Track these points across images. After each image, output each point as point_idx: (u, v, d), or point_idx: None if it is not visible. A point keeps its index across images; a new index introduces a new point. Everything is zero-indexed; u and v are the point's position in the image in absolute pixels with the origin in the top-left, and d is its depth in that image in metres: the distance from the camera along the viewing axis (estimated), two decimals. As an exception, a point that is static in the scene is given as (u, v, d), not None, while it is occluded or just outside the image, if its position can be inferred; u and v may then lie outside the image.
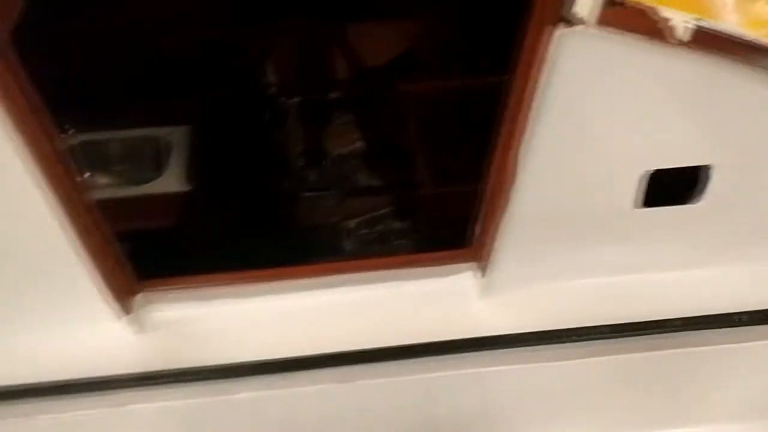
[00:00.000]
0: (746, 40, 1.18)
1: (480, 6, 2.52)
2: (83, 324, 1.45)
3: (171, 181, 2.46)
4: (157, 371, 1.43)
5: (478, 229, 1.46)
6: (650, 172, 1.34)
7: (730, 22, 1.30)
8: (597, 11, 1.13)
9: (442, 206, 2.41)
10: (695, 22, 1.15)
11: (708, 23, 1.16)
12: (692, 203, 1.39)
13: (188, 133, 2.63)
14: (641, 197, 1.37)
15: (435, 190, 2.50)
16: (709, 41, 1.16)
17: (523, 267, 1.44)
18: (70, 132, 2.52)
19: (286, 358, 1.41)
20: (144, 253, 1.82)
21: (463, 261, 1.49)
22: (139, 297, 1.50)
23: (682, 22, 1.15)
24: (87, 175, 2.58)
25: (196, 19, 2.72)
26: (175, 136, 2.62)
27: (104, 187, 2.54)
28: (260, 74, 3.16)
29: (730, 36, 1.17)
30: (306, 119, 3.15)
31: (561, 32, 1.15)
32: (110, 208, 2.29)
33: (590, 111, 1.26)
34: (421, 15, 2.85)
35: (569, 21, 1.14)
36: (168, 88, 2.63)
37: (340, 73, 3.17)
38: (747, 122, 1.29)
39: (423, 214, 2.61)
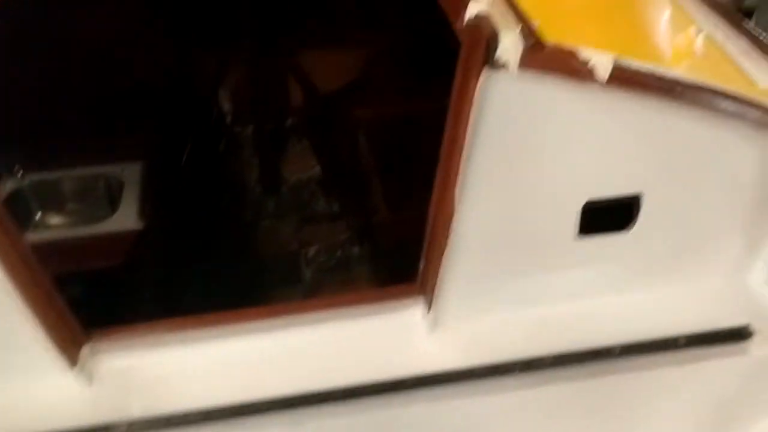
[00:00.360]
0: (662, 77, 1.22)
1: (425, 37, 2.56)
2: (31, 378, 1.44)
3: (124, 219, 2.44)
4: (107, 423, 1.43)
5: (422, 265, 1.48)
6: (585, 203, 1.37)
7: (654, 58, 1.36)
8: (519, 55, 1.17)
9: (399, 233, 2.43)
10: (614, 62, 1.19)
11: (626, 62, 1.20)
12: (627, 230, 1.43)
13: (141, 168, 2.62)
14: (578, 227, 1.41)
15: (391, 216, 2.52)
16: (628, 80, 1.20)
17: (468, 300, 1.47)
18: (19, 173, 2.52)
19: (238, 403, 1.41)
20: (93, 299, 1.81)
21: (411, 296, 1.51)
22: (87, 348, 1.49)
23: (601, 62, 1.18)
24: (38, 215, 2.60)
25: (144, 53, 2.72)
26: (128, 172, 2.61)
27: (56, 227, 2.53)
28: (213, 104, 3.17)
29: (647, 74, 1.21)
30: (262, 147, 3.17)
31: (486, 76, 1.18)
32: (61, 251, 2.29)
33: (522, 147, 1.29)
34: (372, 42, 2.88)
35: (494, 65, 1.17)
36: (119, 123, 2.63)
37: (294, 100, 3.20)
38: (671, 152, 1.33)
39: (381, 240, 2.63)
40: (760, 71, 1.84)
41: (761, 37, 2.07)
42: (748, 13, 4.05)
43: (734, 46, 1.95)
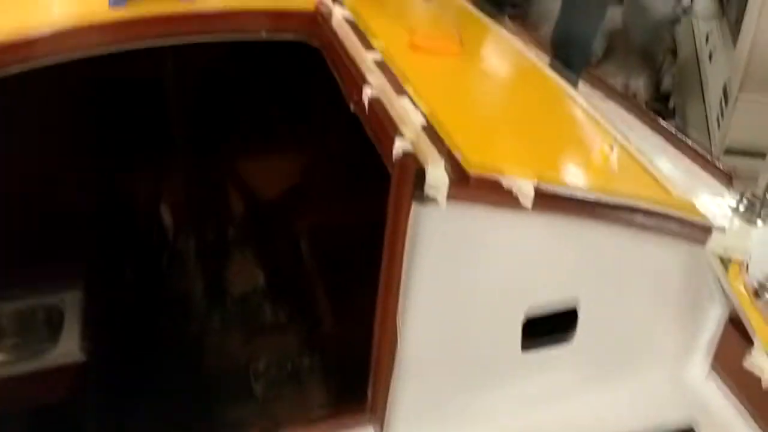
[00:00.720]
0: (581, 198, 1.29)
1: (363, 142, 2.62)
2: None
3: (66, 352, 2.39)
4: None
5: (370, 390, 1.48)
6: (525, 317, 1.41)
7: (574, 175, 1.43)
8: (445, 188, 1.22)
9: (347, 343, 2.43)
10: (536, 187, 1.26)
11: (547, 187, 1.27)
12: (567, 340, 1.47)
13: (82, 295, 2.58)
14: (521, 341, 1.44)
15: (338, 326, 2.52)
16: (549, 204, 1.26)
17: (420, 423, 1.47)
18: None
19: None
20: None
21: (362, 422, 1.50)
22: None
23: (523, 189, 1.25)
24: (-24, 353, 2.52)
25: (76, 175, 2.72)
26: (68, 300, 2.57)
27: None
28: (154, 220, 3.15)
29: (567, 196, 1.28)
30: (205, 260, 3.15)
31: (416, 209, 1.22)
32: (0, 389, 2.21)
33: (458, 272, 1.33)
34: (311, 148, 2.93)
35: (423, 200, 1.22)
36: (55, 251, 2.59)
37: (235, 210, 3.21)
38: (600, 264, 1.39)
39: (330, 350, 2.62)
40: (676, 170, 1.96)
41: (674, 131, 2.21)
42: (666, 97, 4.31)
43: (650, 145, 2.08)
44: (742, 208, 1.84)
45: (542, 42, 2.84)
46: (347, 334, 2.52)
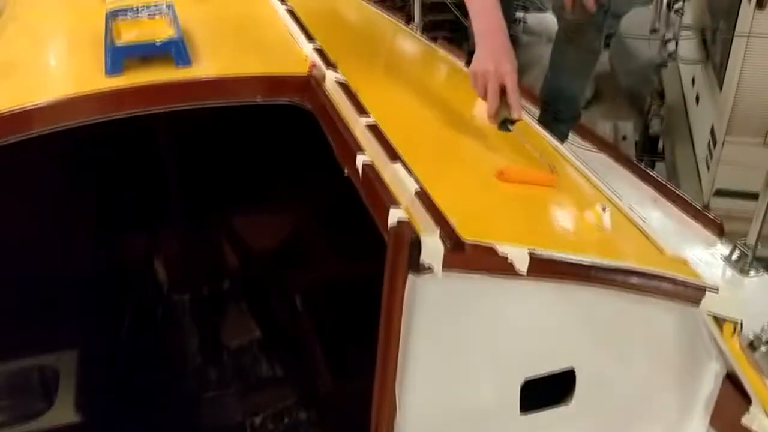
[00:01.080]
0: (576, 263, 1.31)
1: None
2: None
3: (61, 414, 2.37)
4: None
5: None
6: (523, 381, 1.41)
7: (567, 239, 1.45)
8: (441, 257, 1.23)
9: (344, 397, 2.42)
10: (530, 253, 1.27)
11: (542, 253, 1.28)
12: (566, 402, 1.47)
13: (77, 355, 2.57)
14: (520, 404, 1.44)
15: (334, 381, 2.51)
16: (545, 269, 1.28)
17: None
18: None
19: None
20: None
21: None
22: None
23: (518, 256, 1.26)
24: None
25: (72, 236, 2.72)
26: (64, 360, 2.55)
27: (-7, 427, 2.42)
28: (148, 276, 3.15)
29: (562, 261, 1.29)
30: (200, 314, 3.14)
31: (412, 279, 1.23)
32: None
33: (455, 339, 1.34)
34: (305, 202, 2.95)
35: (418, 268, 1.23)
36: (51, 311, 2.58)
37: (229, 263, 3.21)
38: (596, 327, 1.40)
39: (327, 405, 2.60)
40: (668, 222, 1.99)
41: (664, 181, 2.24)
42: (655, 139, 4.37)
43: (640, 196, 2.10)
44: (734, 258, 1.86)
45: (529, 90, 2.89)
46: (344, 389, 2.51)
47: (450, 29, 4.73)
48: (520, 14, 5.62)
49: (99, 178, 2.82)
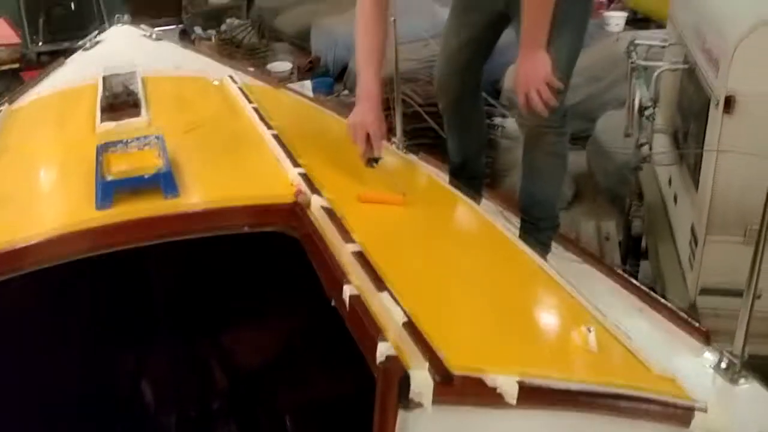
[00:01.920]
0: (564, 389, 1.31)
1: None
2: None
3: None
4: None
5: None
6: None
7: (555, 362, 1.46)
8: (430, 392, 1.23)
9: None
10: (519, 382, 1.28)
11: (531, 381, 1.29)
12: None
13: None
14: None
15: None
16: (534, 398, 1.28)
17: None
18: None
19: None
20: None
21: None
22: None
23: (507, 386, 1.27)
24: None
25: (55, 354, 2.69)
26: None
27: None
28: (135, 396, 3.10)
29: (550, 389, 1.30)
30: (188, 435, 3.07)
31: (403, 416, 1.23)
32: None
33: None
34: (294, 318, 2.94)
35: (409, 405, 1.23)
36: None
37: (218, 382, 3.17)
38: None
39: None
40: (654, 333, 2.00)
41: (648, 291, 2.27)
42: (638, 239, 4.42)
43: (626, 307, 2.13)
44: (723, 366, 1.88)
45: (509, 197, 2.96)
46: None
47: (432, 136, 4.86)
48: (498, 119, 5.77)
49: (86, 300, 2.82)
